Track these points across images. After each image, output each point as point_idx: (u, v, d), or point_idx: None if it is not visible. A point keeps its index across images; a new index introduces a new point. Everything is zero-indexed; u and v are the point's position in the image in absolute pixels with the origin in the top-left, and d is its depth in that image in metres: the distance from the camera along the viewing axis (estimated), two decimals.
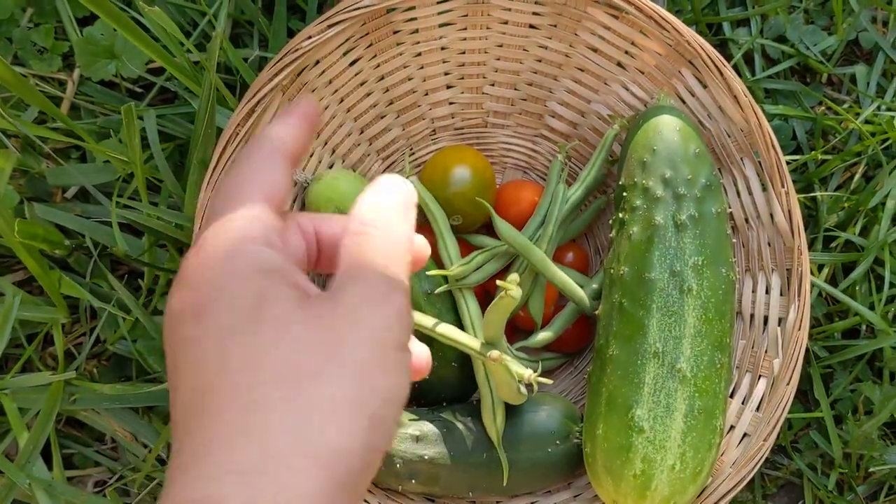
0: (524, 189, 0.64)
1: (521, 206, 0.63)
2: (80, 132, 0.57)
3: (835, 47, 0.70)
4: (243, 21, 0.66)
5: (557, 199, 0.60)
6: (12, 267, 0.64)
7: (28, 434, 0.57)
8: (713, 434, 0.51)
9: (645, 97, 0.60)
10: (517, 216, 0.63)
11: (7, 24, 0.63)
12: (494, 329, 0.54)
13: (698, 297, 0.52)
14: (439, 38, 0.60)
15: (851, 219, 0.66)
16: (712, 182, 0.54)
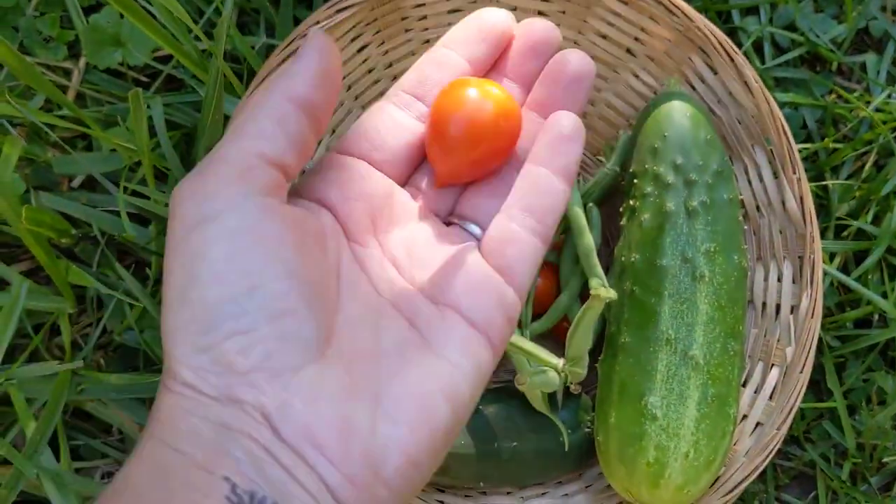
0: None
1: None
2: (87, 120, 0.56)
3: (845, 35, 0.70)
4: (249, 9, 0.66)
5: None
6: (18, 257, 0.63)
7: (35, 424, 0.56)
8: (727, 422, 0.51)
9: (655, 84, 0.60)
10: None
11: (13, 13, 0.63)
12: (583, 345, 0.52)
13: (710, 284, 0.52)
14: (448, 25, 0.59)
15: (863, 207, 0.65)
16: (724, 168, 0.54)
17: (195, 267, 0.26)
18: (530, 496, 0.58)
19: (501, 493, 0.58)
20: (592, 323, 0.51)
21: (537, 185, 0.33)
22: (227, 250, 0.27)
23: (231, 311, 0.26)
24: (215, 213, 0.27)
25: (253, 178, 0.28)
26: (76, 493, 0.55)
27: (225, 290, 0.26)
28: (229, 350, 0.26)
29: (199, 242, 0.27)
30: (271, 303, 0.26)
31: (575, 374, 0.53)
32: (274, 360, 0.26)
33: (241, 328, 0.26)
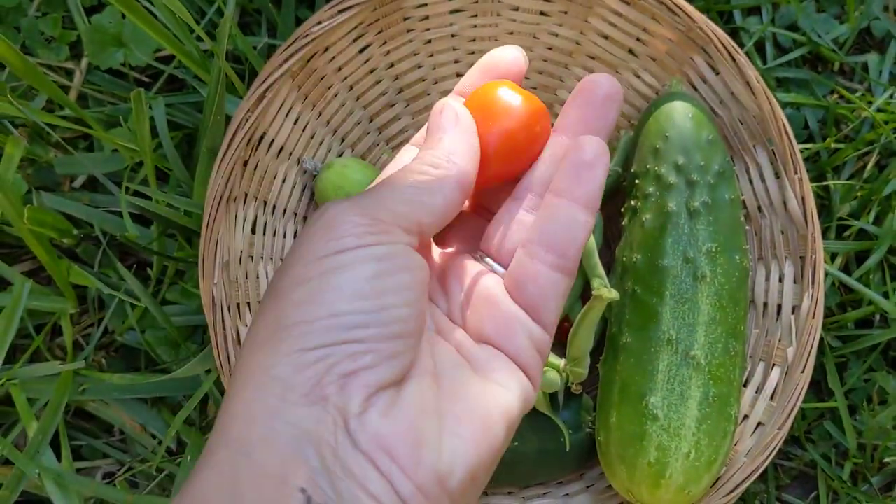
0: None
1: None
2: (89, 120, 0.56)
3: (847, 36, 0.70)
4: (251, 9, 0.66)
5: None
6: (20, 257, 0.63)
7: (37, 424, 0.56)
8: (728, 422, 0.51)
9: (656, 85, 0.60)
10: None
11: (15, 13, 0.63)
12: (585, 345, 0.52)
13: (712, 284, 0.51)
14: (450, 25, 0.60)
15: (865, 207, 0.65)
16: (725, 169, 0.54)
17: (337, 277, 0.28)
18: (532, 496, 0.58)
19: (503, 493, 0.58)
20: (594, 323, 0.51)
21: (557, 218, 0.33)
22: (372, 271, 0.29)
23: (357, 321, 0.28)
24: (368, 241, 0.29)
25: (405, 233, 0.30)
26: (77, 493, 0.55)
27: (359, 304, 0.28)
28: (340, 352, 0.27)
29: (347, 259, 0.29)
30: (393, 325, 0.28)
31: (576, 375, 0.53)
32: (373, 372, 0.28)
33: (358, 337, 0.28)
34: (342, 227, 0.29)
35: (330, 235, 0.29)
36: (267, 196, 0.57)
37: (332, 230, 0.29)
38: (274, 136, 0.56)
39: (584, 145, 0.34)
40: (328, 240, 0.29)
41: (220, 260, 0.51)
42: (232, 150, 0.51)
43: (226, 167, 0.51)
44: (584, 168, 0.33)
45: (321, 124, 0.59)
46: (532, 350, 0.33)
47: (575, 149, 0.34)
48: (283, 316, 0.28)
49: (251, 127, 0.52)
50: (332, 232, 0.29)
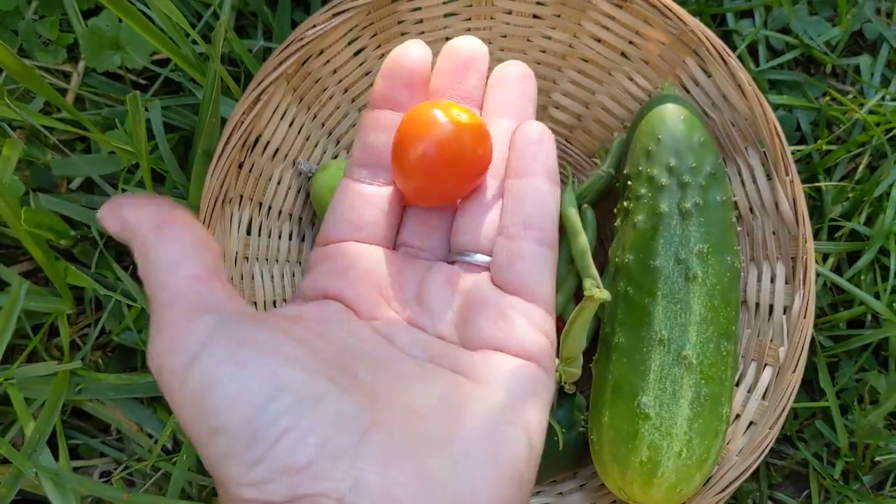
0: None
1: None
2: (86, 122, 0.57)
3: (839, 38, 0.70)
4: (247, 13, 0.66)
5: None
6: (17, 258, 0.64)
7: (34, 423, 0.57)
8: (719, 421, 0.51)
9: (649, 87, 0.60)
10: None
11: (12, 16, 0.64)
12: (577, 345, 0.52)
13: (703, 285, 0.52)
14: (444, 29, 0.60)
15: (856, 209, 0.66)
16: (717, 170, 0.54)
17: (207, 400, 0.26)
18: None
19: None
20: (587, 323, 0.51)
21: (524, 195, 0.34)
22: (229, 372, 0.26)
23: (264, 420, 0.25)
24: (199, 348, 0.26)
25: (205, 300, 0.28)
26: (75, 493, 0.56)
27: (248, 407, 0.25)
28: (281, 453, 0.25)
29: (200, 378, 0.26)
30: (299, 397, 0.26)
31: (569, 374, 0.53)
32: (330, 444, 0.25)
33: (283, 429, 0.25)
34: (162, 365, 0.27)
35: (164, 373, 0.27)
36: (262, 198, 0.57)
37: (159, 373, 0.27)
38: (269, 139, 0.56)
39: (528, 129, 0.34)
40: (166, 379, 0.27)
41: None
42: (227, 152, 0.52)
43: (221, 169, 0.52)
44: (535, 145, 0.34)
45: (316, 126, 0.60)
46: (535, 334, 0.32)
47: (520, 132, 0.34)
48: (208, 453, 0.27)
49: (246, 129, 0.52)
50: (162, 370, 0.27)
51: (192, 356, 0.26)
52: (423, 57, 0.36)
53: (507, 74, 0.37)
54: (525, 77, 0.37)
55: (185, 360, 0.26)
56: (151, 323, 0.28)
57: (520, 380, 0.30)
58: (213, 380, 0.26)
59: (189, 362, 0.26)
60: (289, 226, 0.60)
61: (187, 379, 0.26)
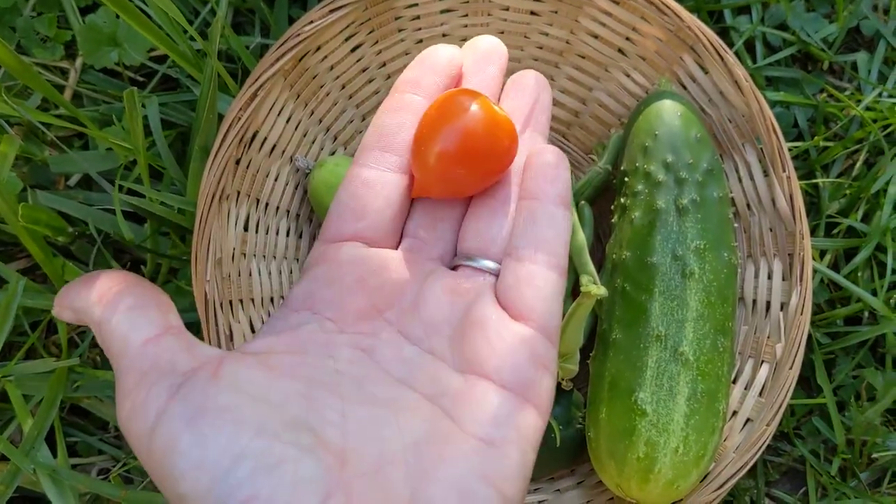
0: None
1: None
2: (84, 119, 0.57)
3: (836, 35, 0.70)
4: (244, 9, 0.66)
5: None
6: (15, 255, 0.64)
7: (32, 420, 0.57)
8: (716, 418, 0.51)
9: (646, 84, 0.60)
10: None
11: (10, 13, 0.64)
12: (574, 341, 0.52)
13: (700, 281, 0.52)
14: (441, 25, 0.60)
15: (853, 205, 0.66)
16: (714, 167, 0.54)
17: (171, 466, 0.26)
18: None
19: None
20: (584, 320, 0.51)
21: (537, 217, 0.33)
22: (188, 440, 0.26)
23: (226, 488, 0.25)
24: (157, 417, 0.26)
25: (159, 362, 0.28)
26: (73, 490, 0.56)
27: (210, 475, 0.25)
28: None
29: (161, 446, 0.26)
30: (259, 463, 0.25)
31: (567, 371, 0.53)
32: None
33: (245, 497, 0.25)
34: (129, 429, 0.27)
35: (132, 438, 0.27)
36: (260, 194, 0.57)
37: (128, 437, 0.27)
38: (266, 135, 0.56)
39: (544, 152, 0.34)
40: (134, 444, 0.27)
41: (212, 257, 0.51)
42: (224, 148, 0.52)
43: (218, 165, 0.52)
44: (551, 169, 0.34)
45: (313, 123, 0.60)
46: (534, 368, 0.30)
47: (536, 155, 0.34)
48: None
49: (243, 125, 0.52)
50: (130, 435, 0.27)
51: (151, 424, 0.26)
52: (456, 54, 0.36)
53: (524, 82, 0.37)
54: (541, 87, 0.37)
55: (146, 427, 0.26)
56: (116, 389, 0.28)
57: (503, 424, 0.28)
58: (173, 448, 0.26)
59: (150, 429, 0.26)
60: (286, 222, 0.60)
61: (151, 444, 0.26)
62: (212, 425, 0.26)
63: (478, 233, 0.34)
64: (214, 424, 0.26)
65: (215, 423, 0.26)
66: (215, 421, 0.26)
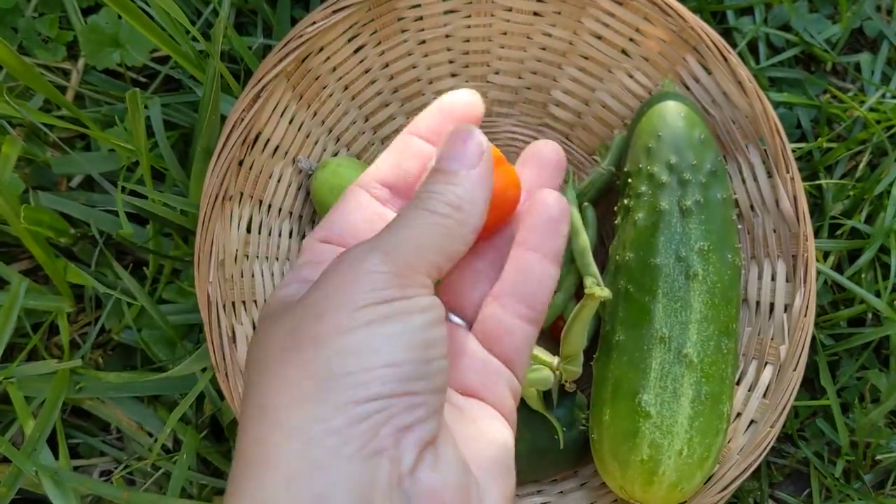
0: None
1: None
2: (86, 120, 0.57)
3: (839, 36, 0.70)
4: (247, 10, 0.66)
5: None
6: (17, 256, 0.64)
7: (34, 422, 0.57)
8: (720, 419, 0.51)
9: (649, 85, 0.60)
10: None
11: (12, 14, 0.63)
12: (578, 343, 0.52)
13: (704, 283, 0.52)
14: (444, 26, 0.60)
15: (857, 206, 0.66)
16: (717, 168, 0.54)
17: (389, 328, 0.27)
18: (526, 494, 0.58)
19: None
20: (588, 322, 0.51)
21: (529, 271, 0.33)
22: (420, 322, 0.28)
23: (414, 372, 0.27)
24: (406, 293, 0.28)
25: (429, 281, 0.30)
26: (75, 491, 0.56)
27: (413, 354, 0.27)
28: (399, 404, 0.26)
29: (393, 310, 0.28)
30: (439, 377, 0.28)
31: (570, 373, 0.53)
32: (425, 426, 0.27)
33: (415, 389, 0.27)
34: (378, 277, 0.28)
35: (367, 285, 0.28)
36: (262, 195, 0.57)
37: (366, 280, 0.28)
38: (269, 136, 0.56)
39: (548, 199, 0.33)
40: (368, 290, 0.28)
41: (215, 259, 0.51)
42: (227, 149, 0.52)
43: (221, 166, 0.51)
44: (554, 223, 0.33)
45: (316, 124, 0.60)
46: (511, 399, 0.33)
47: (541, 203, 0.34)
48: (331, 366, 0.26)
49: (246, 126, 0.52)
50: (368, 282, 0.28)
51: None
52: (476, 104, 0.35)
53: (542, 155, 0.36)
54: (559, 163, 0.36)
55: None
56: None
57: (504, 428, 0.32)
58: (400, 318, 0.28)
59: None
60: (289, 223, 0.60)
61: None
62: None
63: (457, 292, 0.35)
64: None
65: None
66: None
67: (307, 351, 0.27)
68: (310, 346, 0.27)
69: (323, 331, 0.27)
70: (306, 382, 0.26)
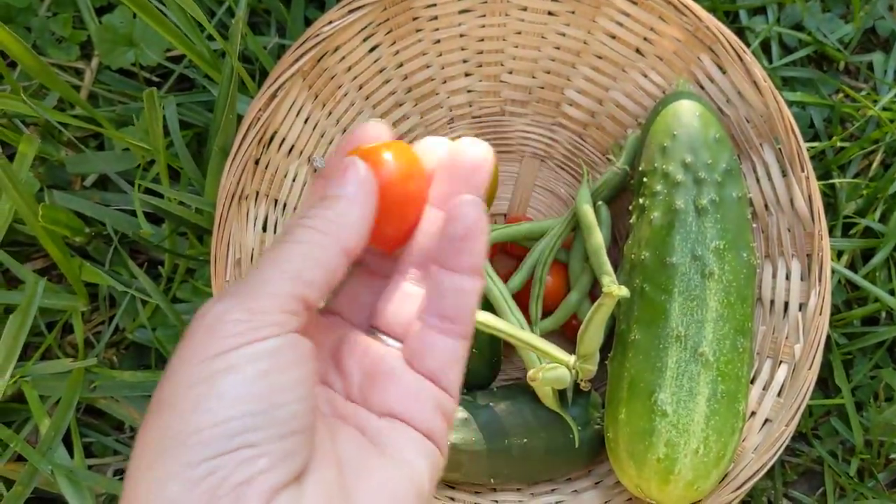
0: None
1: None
2: (101, 119, 0.57)
3: (852, 35, 0.70)
4: (261, 10, 0.66)
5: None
6: (31, 255, 0.64)
7: (49, 421, 0.57)
8: (736, 418, 0.51)
9: (663, 84, 0.60)
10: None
11: (25, 13, 0.64)
12: (594, 342, 0.52)
13: (720, 281, 0.52)
14: (458, 25, 0.60)
15: (870, 206, 0.66)
16: (732, 167, 0.54)
17: (222, 381, 0.26)
18: (540, 492, 0.58)
19: (511, 490, 0.58)
20: (604, 321, 0.51)
21: (444, 289, 0.33)
22: (260, 369, 0.27)
23: (246, 425, 0.26)
24: (252, 337, 0.27)
25: (291, 316, 0.28)
26: (89, 490, 0.56)
27: (247, 407, 0.26)
28: (230, 461, 0.25)
29: (233, 360, 0.27)
30: (287, 423, 0.27)
31: (586, 371, 0.53)
32: (269, 475, 0.26)
33: (249, 442, 0.26)
34: (226, 326, 0.27)
35: (214, 335, 0.27)
36: (278, 194, 0.57)
37: (215, 330, 0.27)
38: (285, 135, 0.56)
39: (459, 216, 0.32)
40: (212, 340, 0.27)
41: (231, 258, 0.51)
42: (243, 148, 0.52)
43: (237, 166, 0.51)
44: (460, 241, 0.32)
45: (331, 123, 0.60)
46: (439, 417, 0.32)
47: (451, 220, 0.32)
48: (169, 427, 0.26)
49: (262, 126, 0.52)
50: (215, 332, 0.27)
51: (239, 339, 0.28)
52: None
53: (465, 157, 0.34)
54: (477, 167, 0.34)
55: (233, 337, 0.28)
56: (240, 285, 0.29)
57: (421, 453, 0.31)
58: (239, 369, 0.27)
59: (234, 343, 0.27)
60: None
61: (222, 355, 0.27)
62: (278, 369, 0.28)
63: (385, 313, 0.34)
64: (281, 370, 0.28)
65: (283, 370, 0.28)
66: (283, 368, 0.28)
67: (155, 413, 0.26)
68: (157, 408, 0.27)
69: (168, 391, 0.27)
70: (150, 447, 0.26)
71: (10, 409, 0.60)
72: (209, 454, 0.25)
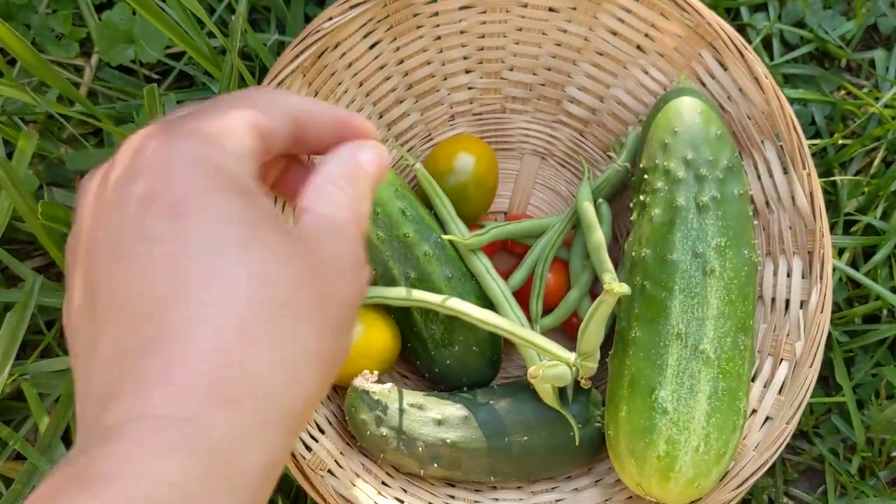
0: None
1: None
2: (101, 116, 0.57)
3: (853, 32, 0.70)
4: (260, 6, 0.66)
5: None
6: (30, 253, 0.64)
7: (48, 419, 0.57)
8: (737, 416, 0.51)
9: (665, 81, 0.60)
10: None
11: (25, 10, 0.63)
12: (595, 339, 0.52)
13: (721, 279, 0.52)
14: (459, 22, 0.60)
15: (872, 203, 0.66)
16: (734, 164, 0.54)
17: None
18: (540, 490, 0.58)
19: (511, 488, 0.58)
20: (605, 318, 0.51)
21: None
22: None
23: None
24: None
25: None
26: None
27: None
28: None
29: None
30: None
31: (586, 369, 0.53)
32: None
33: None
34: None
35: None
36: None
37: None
38: None
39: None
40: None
41: None
42: None
43: None
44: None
45: None
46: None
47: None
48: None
49: None
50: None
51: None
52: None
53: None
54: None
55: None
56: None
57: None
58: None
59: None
60: None
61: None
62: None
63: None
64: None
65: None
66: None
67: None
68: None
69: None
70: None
71: (8, 407, 0.60)
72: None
